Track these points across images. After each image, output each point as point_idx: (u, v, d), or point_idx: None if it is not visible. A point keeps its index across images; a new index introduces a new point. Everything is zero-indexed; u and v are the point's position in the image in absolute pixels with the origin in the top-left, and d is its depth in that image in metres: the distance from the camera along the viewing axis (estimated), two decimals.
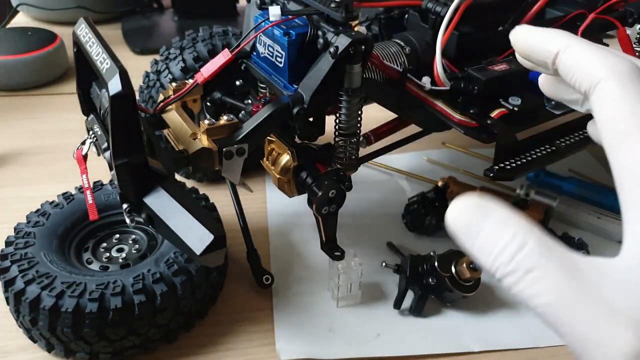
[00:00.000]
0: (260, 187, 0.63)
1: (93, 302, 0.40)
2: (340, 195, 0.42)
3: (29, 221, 0.48)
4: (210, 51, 0.58)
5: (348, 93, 0.40)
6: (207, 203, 0.52)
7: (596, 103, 0.24)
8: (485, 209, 0.23)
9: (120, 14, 1.10)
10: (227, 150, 0.40)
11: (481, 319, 0.48)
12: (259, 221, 0.58)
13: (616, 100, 0.23)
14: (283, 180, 0.44)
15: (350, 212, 0.46)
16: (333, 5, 0.39)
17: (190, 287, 0.44)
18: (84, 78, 0.42)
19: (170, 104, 0.46)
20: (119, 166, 0.36)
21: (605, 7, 0.51)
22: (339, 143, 0.43)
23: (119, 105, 0.34)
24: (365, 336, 0.46)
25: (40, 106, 0.81)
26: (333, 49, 0.38)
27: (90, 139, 0.41)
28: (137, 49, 0.97)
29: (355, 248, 0.49)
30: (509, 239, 0.22)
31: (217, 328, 0.47)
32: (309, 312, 0.48)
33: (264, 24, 0.41)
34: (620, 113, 0.23)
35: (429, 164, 0.69)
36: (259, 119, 0.41)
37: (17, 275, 0.42)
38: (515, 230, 0.22)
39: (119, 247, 0.49)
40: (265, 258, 0.53)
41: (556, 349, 0.46)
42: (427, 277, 0.47)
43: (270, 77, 0.44)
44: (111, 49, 0.36)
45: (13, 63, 0.82)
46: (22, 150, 0.70)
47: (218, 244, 0.35)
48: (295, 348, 0.45)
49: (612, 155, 0.23)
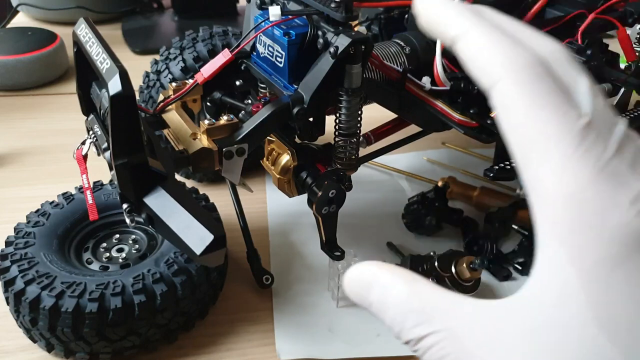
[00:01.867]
0: (260, 187, 0.63)
1: (93, 302, 0.40)
2: (340, 195, 0.42)
3: (29, 221, 0.48)
4: (210, 51, 0.58)
5: (348, 93, 0.40)
6: (207, 203, 0.52)
7: (496, 106, 0.21)
8: (371, 279, 0.23)
9: (120, 14, 1.10)
10: (227, 150, 0.40)
11: None
12: (259, 221, 0.58)
13: (513, 107, 0.21)
14: (283, 180, 0.44)
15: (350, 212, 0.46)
16: (333, 5, 0.39)
17: (190, 287, 0.44)
18: (84, 78, 0.42)
19: (170, 104, 0.46)
20: (119, 166, 0.36)
21: (605, 7, 0.51)
22: (339, 143, 0.43)
23: (119, 105, 0.34)
24: (365, 336, 0.46)
25: (40, 106, 0.81)
26: (333, 49, 0.38)
27: (90, 139, 0.41)
28: (137, 49, 0.97)
29: (355, 248, 0.49)
30: (393, 311, 0.22)
31: (217, 328, 0.47)
32: (309, 312, 0.48)
33: (264, 24, 0.41)
34: (517, 122, 0.20)
35: (429, 164, 0.69)
36: (259, 119, 0.41)
37: (17, 275, 0.42)
38: (396, 299, 0.22)
39: (119, 247, 0.49)
40: (265, 258, 0.53)
41: None
42: (427, 277, 0.47)
43: (270, 77, 0.44)
44: (111, 49, 0.36)
45: (13, 63, 0.82)
46: (22, 150, 0.70)
47: (218, 244, 0.35)
48: (295, 348, 0.45)
49: (520, 167, 0.21)
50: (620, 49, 0.53)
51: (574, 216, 0.19)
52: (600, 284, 0.18)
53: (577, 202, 0.19)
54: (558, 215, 0.19)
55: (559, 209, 0.19)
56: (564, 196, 0.19)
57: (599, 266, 0.18)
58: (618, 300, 0.18)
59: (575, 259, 0.19)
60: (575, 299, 0.18)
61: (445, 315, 0.21)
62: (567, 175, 0.19)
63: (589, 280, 0.18)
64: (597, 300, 0.18)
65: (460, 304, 0.21)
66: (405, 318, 0.22)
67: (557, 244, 0.19)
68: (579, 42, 0.49)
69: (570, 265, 0.19)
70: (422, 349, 0.21)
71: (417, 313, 0.21)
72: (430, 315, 0.21)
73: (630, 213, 0.18)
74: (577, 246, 0.19)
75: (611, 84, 0.47)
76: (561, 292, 0.19)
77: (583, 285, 0.18)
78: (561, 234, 0.19)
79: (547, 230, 0.20)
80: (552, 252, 0.19)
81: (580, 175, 0.19)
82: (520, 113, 0.20)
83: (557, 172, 0.19)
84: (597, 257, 0.18)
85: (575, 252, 0.19)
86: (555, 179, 0.19)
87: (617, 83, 0.48)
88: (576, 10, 0.51)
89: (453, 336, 0.20)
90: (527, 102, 0.20)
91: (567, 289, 0.19)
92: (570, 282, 0.19)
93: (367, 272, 0.23)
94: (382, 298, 0.22)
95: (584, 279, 0.18)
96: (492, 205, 0.58)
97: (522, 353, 0.19)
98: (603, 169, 0.19)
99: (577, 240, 0.19)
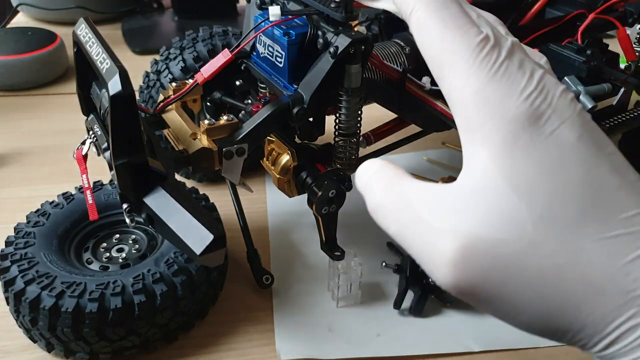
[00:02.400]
0: (260, 187, 0.63)
1: (93, 302, 0.40)
2: (340, 195, 0.42)
3: (29, 221, 0.48)
4: (210, 51, 0.58)
5: (348, 93, 0.40)
6: (207, 203, 0.52)
7: (413, 32, 0.27)
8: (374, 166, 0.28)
9: (120, 14, 1.10)
10: (227, 150, 0.40)
11: (481, 319, 0.48)
12: (259, 221, 0.58)
13: (425, 29, 0.26)
14: (283, 180, 0.44)
15: (350, 212, 0.46)
16: (333, 5, 0.39)
17: (190, 287, 0.44)
18: (84, 78, 0.42)
19: (170, 104, 0.46)
20: (119, 166, 0.36)
21: (605, 7, 0.51)
22: (339, 143, 0.43)
23: (119, 105, 0.34)
24: (365, 336, 0.46)
25: (40, 106, 0.81)
26: (333, 49, 0.38)
27: (90, 139, 0.41)
28: (137, 49, 0.97)
29: (355, 248, 0.49)
30: (370, 173, 0.28)
31: (217, 328, 0.47)
32: (309, 312, 0.48)
33: (264, 24, 0.41)
34: (430, 42, 0.26)
35: (429, 164, 0.69)
36: (259, 119, 0.41)
37: (17, 275, 0.42)
38: (376, 168, 0.28)
39: (119, 247, 0.49)
40: (265, 258, 0.53)
41: (556, 349, 0.46)
42: (427, 277, 0.47)
43: (270, 77, 0.44)
44: (111, 49, 0.36)
45: (13, 63, 0.82)
46: (22, 150, 0.70)
47: (218, 244, 0.35)
48: (295, 348, 0.45)
49: (437, 81, 0.26)
50: (620, 49, 0.53)
51: (480, 109, 0.24)
52: (506, 156, 0.24)
53: (481, 98, 0.24)
54: (469, 112, 0.25)
55: (469, 106, 0.25)
56: (471, 95, 0.25)
57: (504, 143, 0.24)
58: (521, 164, 0.23)
59: (486, 141, 0.24)
60: (490, 171, 0.24)
61: (407, 186, 0.27)
62: (470, 79, 0.25)
63: (498, 154, 0.24)
64: (505, 168, 0.23)
65: (418, 183, 0.27)
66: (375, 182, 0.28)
67: (472, 135, 0.25)
68: (579, 42, 0.49)
69: (483, 147, 0.24)
70: (379, 217, 0.27)
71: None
72: (395, 183, 0.27)
73: (520, 99, 0.24)
74: (487, 131, 0.24)
75: (611, 84, 0.47)
76: (480, 168, 0.24)
77: (494, 160, 0.24)
78: (474, 126, 0.25)
79: (464, 127, 0.25)
80: (469, 142, 0.25)
81: (480, 77, 0.24)
82: (432, 34, 0.26)
83: (463, 78, 0.25)
84: (501, 136, 0.24)
85: (486, 136, 0.24)
86: (461, 83, 0.25)
87: (617, 83, 0.48)
88: (576, 10, 0.51)
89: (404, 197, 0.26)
90: (436, 25, 0.26)
91: (483, 165, 0.24)
92: (484, 160, 0.24)
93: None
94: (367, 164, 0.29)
95: (494, 155, 0.24)
96: None
97: (456, 211, 0.24)
98: (497, 71, 0.24)
99: (485, 127, 0.24)
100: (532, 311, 0.23)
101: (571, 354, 0.46)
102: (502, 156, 0.24)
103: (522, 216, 0.23)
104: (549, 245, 0.22)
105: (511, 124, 0.24)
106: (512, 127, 0.24)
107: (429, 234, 0.24)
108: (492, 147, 0.24)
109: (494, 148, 0.24)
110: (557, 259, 0.22)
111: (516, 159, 0.23)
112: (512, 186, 0.23)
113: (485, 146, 0.24)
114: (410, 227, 0.25)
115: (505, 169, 0.23)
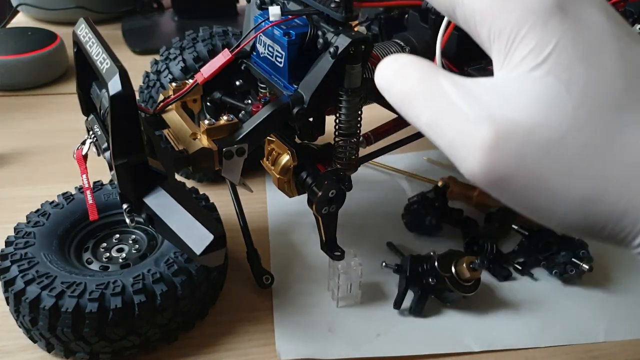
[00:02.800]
0: (260, 187, 0.63)
1: (93, 302, 0.40)
2: (340, 195, 0.42)
3: (29, 221, 0.48)
4: (210, 51, 0.58)
5: (348, 93, 0.40)
6: (207, 203, 0.52)
7: None
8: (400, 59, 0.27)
9: (120, 14, 1.10)
10: (227, 150, 0.41)
11: (481, 319, 0.48)
12: (259, 221, 0.58)
13: None
14: (283, 180, 0.44)
15: (350, 212, 0.46)
16: (333, 5, 0.39)
17: (190, 287, 0.44)
18: (84, 78, 0.42)
19: (170, 104, 0.46)
20: (119, 166, 0.36)
21: None
22: (339, 143, 0.43)
23: (119, 105, 0.34)
24: (365, 336, 0.46)
25: (40, 106, 0.81)
26: (333, 49, 0.38)
27: (90, 139, 0.41)
28: (137, 49, 0.97)
29: (355, 248, 0.49)
30: (396, 66, 0.26)
31: (217, 328, 0.47)
32: (309, 312, 0.48)
33: (264, 24, 0.41)
34: None
35: (429, 164, 0.69)
36: (259, 119, 0.41)
37: (17, 275, 0.42)
38: (407, 61, 0.26)
39: (119, 247, 0.49)
40: (265, 258, 0.53)
41: (556, 349, 0.46)
42: (427, 277, 0.47)
43: (270, 77, 0.44)
44: (111, 49, 0.36)
45: (13, 63, 0.82)
46: (22, 150, 0.70)
47: (218, 244, 0.35)
48: (295, 348, 0.45)
49: (456, 10, 0.26)
50: None
51: (502, 6, 0.24)
52: (540, 43, 0.23)
53: None
54: (494, 13, 0.24)
55: (492, 9, 0.24)
56: None
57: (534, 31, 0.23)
58: (556, 49, 0.23)
59: (523, 38, 0.23)
60: (526, 60, 0.23)
61: (442, 78, 0.25)
62: None
63: (534, 34, 0.23)
64: (541, 55, 0.23)
65: (454, 74, 0.25)
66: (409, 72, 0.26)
67: (500, 36, 0.24)
68: None
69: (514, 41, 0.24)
70: (407, 105, 0.26)
71: None
72: (431, 74, 0.25)
73: None
74: (514, 23, 0.24)
75: None
76: (513, 59, 0.24)
77: (529, 49, 0.23)
78: (500, 27, 0.24)
79: (486, 34, 0.25)
80: (499, 42, 0.24)
81: None
82: None
83: None
84: (529, 24, 0.23)
85: (514, 29, 0.24)
86: None
87: None
88: None
89: None
90: None
91: (519, 55, 0.24)
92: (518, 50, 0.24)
93: None
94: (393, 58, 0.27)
95: (527, 44, 0.23)
96: (492, 206, 0.58)
97: (493, 98, 0.23)
98: None
99: (512, 21, 0.24)
100: (569, 200, 0.22)
101: (571, 354, 0.46)
102: (536, 44, 0.23)
103: (562, 100, 0.22)
104: (590, 128, 0.22)
105: (538, 12, 0.23)
106: (540, 14, 0.23)
107: (464, 120, 0.23)
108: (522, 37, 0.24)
109: (532, 37, 0.23)
110: (597, 142, 0.22)
111: (550, 44, 0.23)
112: (550, 71, 0.23)
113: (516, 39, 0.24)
114: (444, 114, 0.24)
115: (541, 56, 0.23)
